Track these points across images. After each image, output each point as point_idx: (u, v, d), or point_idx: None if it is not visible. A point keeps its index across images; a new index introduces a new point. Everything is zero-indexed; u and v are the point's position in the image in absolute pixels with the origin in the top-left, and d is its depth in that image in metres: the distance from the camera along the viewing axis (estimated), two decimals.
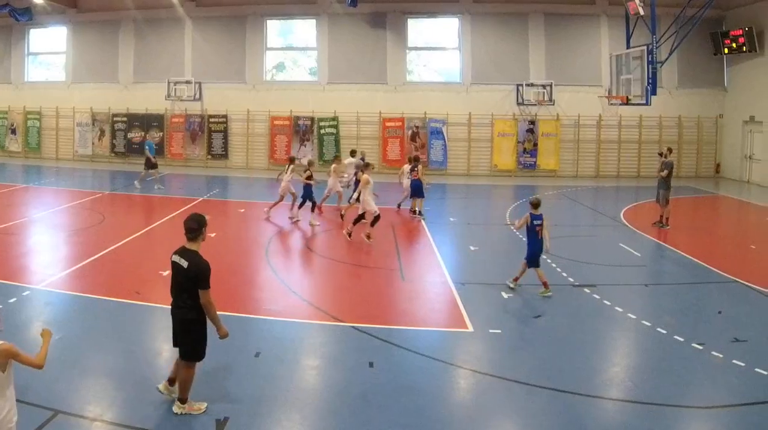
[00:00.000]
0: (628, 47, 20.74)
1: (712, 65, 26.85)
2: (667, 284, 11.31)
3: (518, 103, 27.00)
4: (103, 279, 10.74)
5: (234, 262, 11.97)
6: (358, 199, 14.54)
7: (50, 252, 12.79)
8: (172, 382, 6.33)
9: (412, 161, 17.36)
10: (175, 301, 6.03)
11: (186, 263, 5.86)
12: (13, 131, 30.62)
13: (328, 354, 7.93)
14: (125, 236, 13.85)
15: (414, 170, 16.97)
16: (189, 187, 23.33)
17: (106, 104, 29.29)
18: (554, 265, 11.87)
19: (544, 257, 12.15)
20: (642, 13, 19.12)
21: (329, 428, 6.08)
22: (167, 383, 6.35)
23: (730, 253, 13.84)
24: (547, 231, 10.29)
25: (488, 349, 8.16)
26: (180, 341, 6.08)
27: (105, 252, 12.44)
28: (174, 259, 5.98)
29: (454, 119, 27.18)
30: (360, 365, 7.40)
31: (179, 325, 6.03)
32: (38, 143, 30.36)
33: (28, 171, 26.46)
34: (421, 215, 16.82)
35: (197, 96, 28.35)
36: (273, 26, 29.26)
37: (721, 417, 6.36)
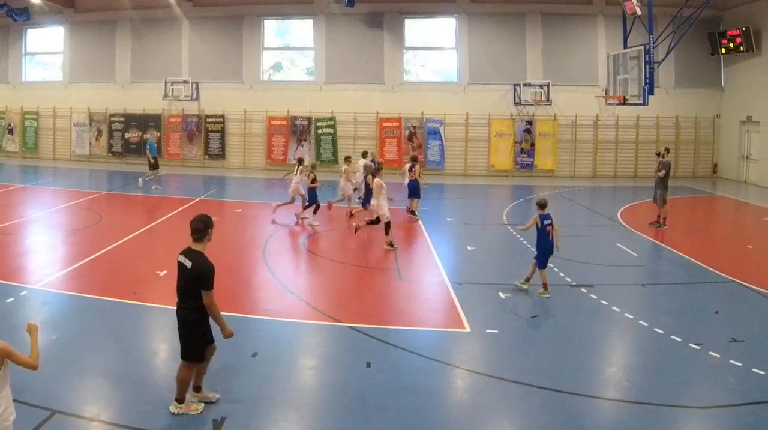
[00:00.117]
0: (625, 47, 20.76)
1: (710, 65, 26.88)
2: (665, 284, 11.32)
3: (515, 103, 27.02)
4: (101, 279, 10.73)
5: (231, 262, 11.95)
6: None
7: (47, 252, 12.78)
8: (198, 389, 6.31)
9: (413, 161, 17.35)
10: (179, 301, 6.06)
11: (190, 263, 5.89)
12: (11, 131, 30.58)
13: (326, 354, 7.93)
14: (122, 236, 13.83)
15: (411, 171, 16.96)
16: (186, 187, 23.31)
17: (104, 104, 29.26)
18: (551, 265, 11.81)
19: None
20: (639, 13, 19.15)
21: (326, 428, 6.08)
22: (194, 391, 6.31)
23: (728, 253, 13.87)
24: (557, 231, 10.27)
25: (485, 349, 8.16)
26: (181, 341, 6.11)
27: (102, 252, 12.43)
28: (179, 259, 6.02)
29: (452, 119, 27.19)
30: (357, 365, 7.40)
31: (182, 325, 6.07)
32: (35, 143, 30.33)
33: (26, 171, 26.40)
34: (416, 216, 16.81)
35: (194, 96, 28.33)
36: (270, 26, 29.26)
37: (718, 417, 6.38)
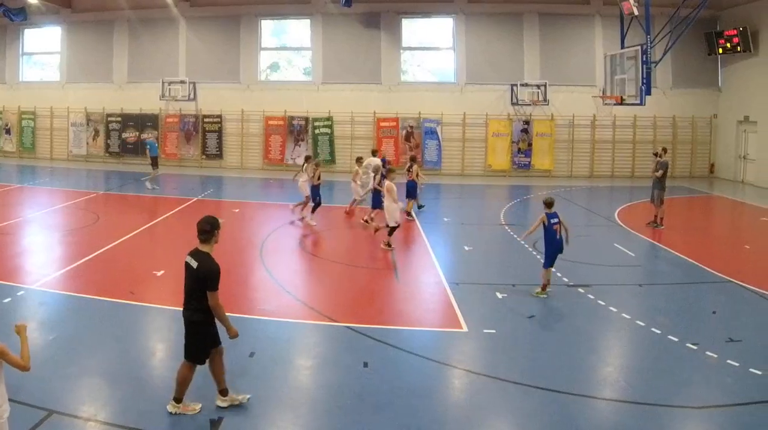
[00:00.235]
0: (623, 47, 20.78)
1: (707, 65, 26.90)
2: (662, 284, 11.33)
3: (513, 103, 27.02)
4: (98, 279, 10.71)
5: (228, 261, 11.85)
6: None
7: (45, 252, 12.76)
8: (225, 393, 6.27)
9: (411, 162, 17.34)
10: (185, 302, 6.10)
11: (196, 264, 5.93)
12: (8, 131, 30.49)
13: (323, 354, 7.93)
14: (120, 236, 13.80)
15: (409, 171, 16.95)
16: (183, 187, 23.27)
17: (101, 104, 29.19)
18: (544, 264, 11.86)
19: (539, 257, 12.21)
20: (636, 13, 19.16)
21: (323, 428, 6.08)
22: (220, 395, 6.27)
23: (725, 253, 13.88)
24: (568, 228, 10.25)
25: (482, 349, 8.17)
26: (185, 341, 6.13)
27: (99, 252, 12.41)
28: (186, 260, 6.06)
29: (449, 119, 27.18)
30: (354, 365, 7.40)
31: (186, 326, 6.10)
32: (33, 143, 30.25)
33: (23, 171, 26.35)
34: (411, 217, 16.81)
35: (191, 96, 28.28)
36: (267, 26, 29.22)
37: (716, 417, 6.38)
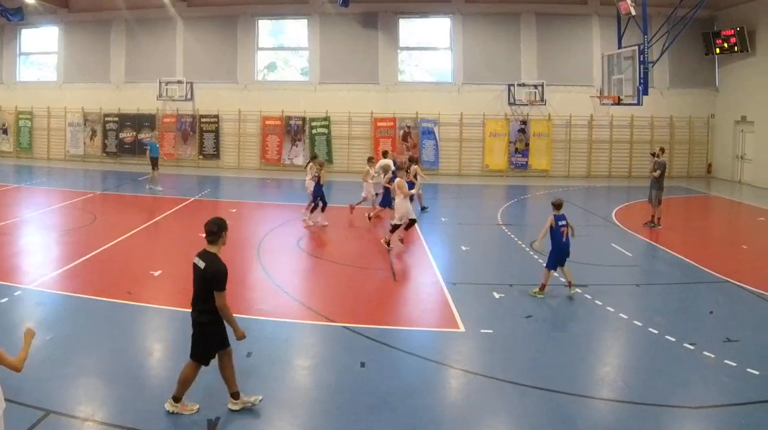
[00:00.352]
0: (620, 47, 20.78)
1: (704, 65, 26.95)
2: (659, 284, 11.35)
3: (510, 103, 27.01)
4: (95, 279, 10.69)
5: (226, 261, 11.84)
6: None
7: (42, 252, 12.73)
8: (236, 396, 6.25)
9: (410, 162, 17.31)
10: (193, 303, 6.11)
11: (203, 264, 5.96)
12: (5, 131, 30.42)
13: (320, 354, 7.93)
14: (117, 236, 13.78)
15: (407, 172, 16.86)
16: (181, 187, 23.22)
17: (98, 104, 29.12)
18: (545, 264, 11.86)
19: (536, 257, 12.24)
20: (633, 13, 19.16)
21: (321, 428, 6.08)
22: (231, 399, 6.25)
23: (722, 253, 13.90)
24: (572, 229, 10.25)
25: (480, 349, 8.17)
26: (192, 341, 6.14)
27: (97, 252, 12.38)
28: (194, 260, 6.09)
29: (446, 119, 27.17)
30: (352, 365, 7.40)
31: (193, 326, 6.11)
32: (30, 143, 30.16)
33: (20, 171, 26.29)
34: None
35: (189, 96, 28.22)
36: (264, 26, 29.17)
37: (713, 417, 6.39)
